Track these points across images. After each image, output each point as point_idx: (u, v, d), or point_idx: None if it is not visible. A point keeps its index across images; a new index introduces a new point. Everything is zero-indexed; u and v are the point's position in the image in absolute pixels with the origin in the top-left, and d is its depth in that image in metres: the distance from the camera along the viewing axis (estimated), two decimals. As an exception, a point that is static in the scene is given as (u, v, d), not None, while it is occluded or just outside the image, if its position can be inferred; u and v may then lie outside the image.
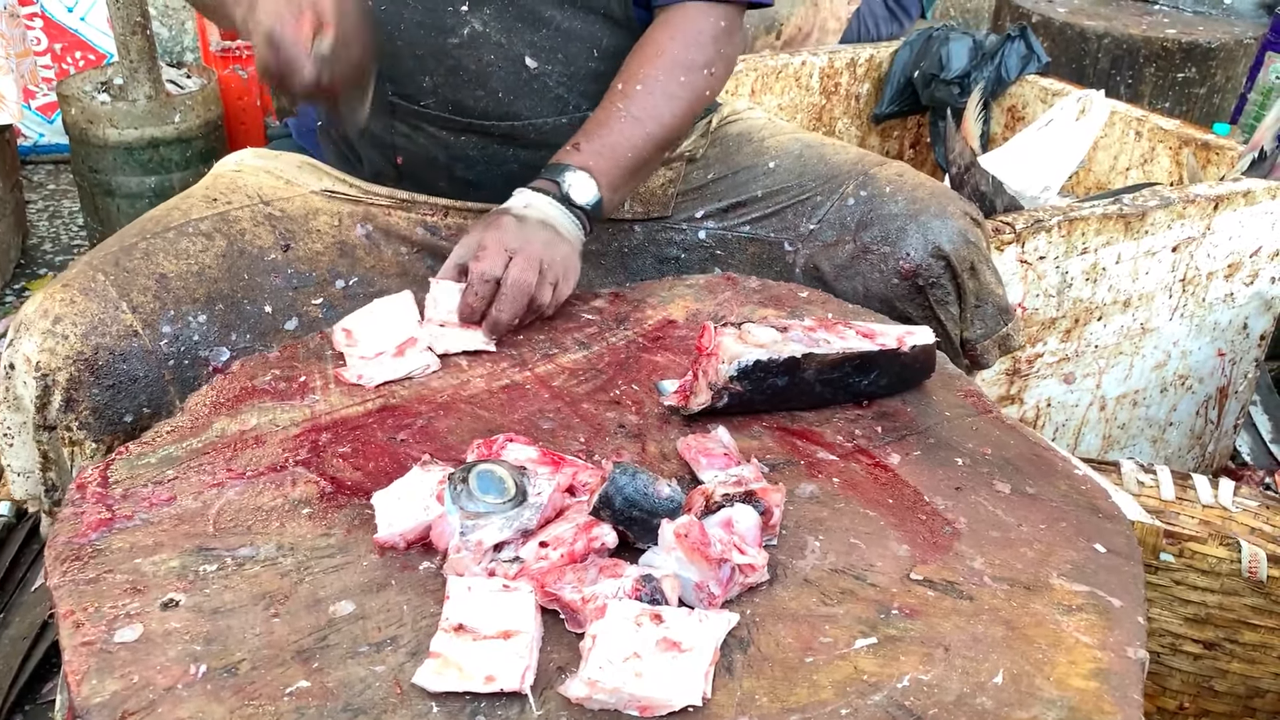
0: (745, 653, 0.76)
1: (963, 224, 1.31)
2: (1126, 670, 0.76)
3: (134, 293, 1.14)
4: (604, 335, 1.17)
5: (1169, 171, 2.17)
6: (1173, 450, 2.15)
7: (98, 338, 1.10)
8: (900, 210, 1.31)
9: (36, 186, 3.50)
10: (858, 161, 1.39)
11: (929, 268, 1.29)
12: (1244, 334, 2.06)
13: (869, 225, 1.32)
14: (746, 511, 0.84)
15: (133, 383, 1.11)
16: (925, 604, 0.81)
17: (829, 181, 1.36)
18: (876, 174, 1.36)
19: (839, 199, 1.35)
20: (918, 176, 1.37)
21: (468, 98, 1.30)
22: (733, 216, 1.40)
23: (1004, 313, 1.38)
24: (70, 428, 1.10)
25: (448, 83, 1.29)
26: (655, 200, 1.41)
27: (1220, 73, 3.09)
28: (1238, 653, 1.39)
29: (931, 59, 2.50)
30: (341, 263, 1.28)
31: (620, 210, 1.38)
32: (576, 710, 0.71)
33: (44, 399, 1.09)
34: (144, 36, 2.72)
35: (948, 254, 1.29)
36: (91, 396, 1.09)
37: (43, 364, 1.08)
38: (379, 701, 0.71)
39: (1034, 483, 0.96)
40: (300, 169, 1.34)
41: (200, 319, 1.16)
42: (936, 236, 1.29)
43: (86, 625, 0.76)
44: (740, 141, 1.44)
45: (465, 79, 1.29)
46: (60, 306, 1.11)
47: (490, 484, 0.84)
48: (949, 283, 1.31)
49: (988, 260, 1.35)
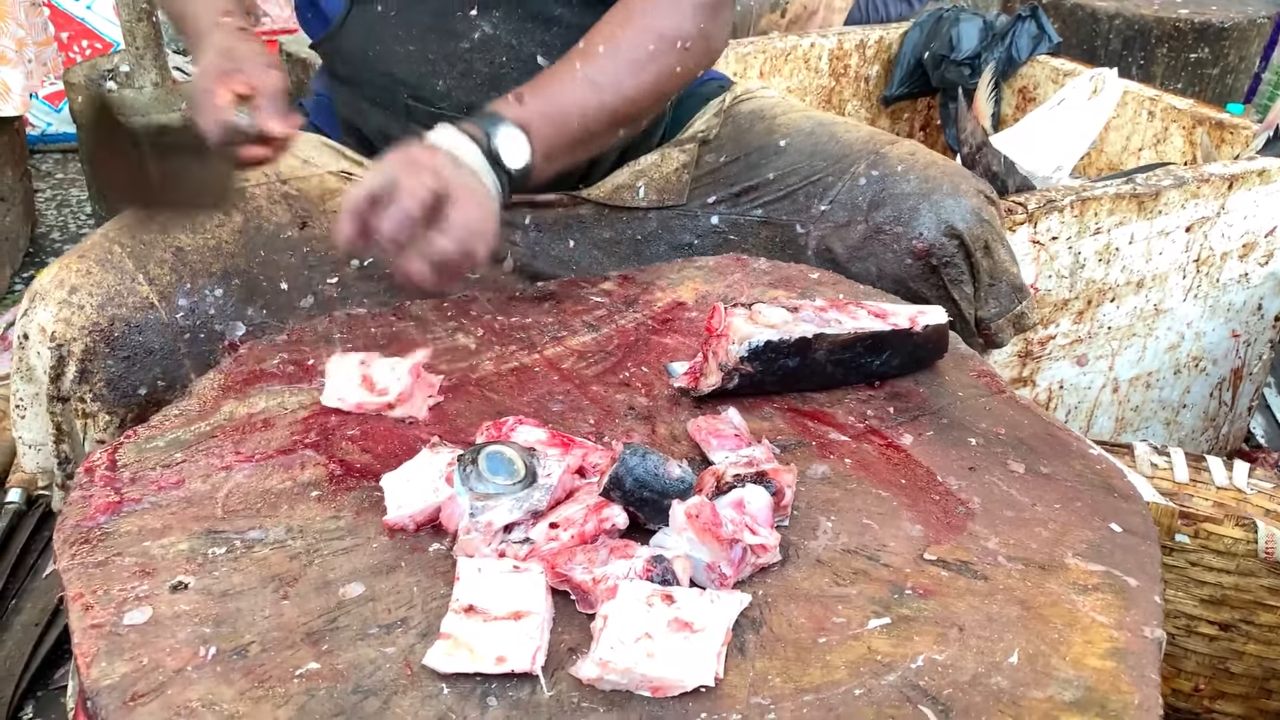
0: (758, 633, 0.76)
1: (976, 202, 1.30)
2: (1143, 650, 0.75)
3: (150, 265, 1.14)
4: (613, 318, 1.16)
5: (1182, 151, 2.15)
6: (1186, 432, 2.13)
7: (114, 309, 1.10)
8: (913, 189, 1.30)
9: (45, 175, 3.50)
10: (869, 140, 1.37)
11: (942, 247, 1.28)
12: (1258, 315, 2.04)
13: (881, 205, 1.31)
14: (758, 492, 0.83)
15: (148, 355, 1.11)
16: (939, 584, 0.81)
17: (840, 161, 1.35)
18: (888, 153, 1.34)
19: (850, 179, 1.33)
20: (930, 155, 1.35)
21: (482, 100, 1.24)
22: (745, 201, 1.38)
23: (1018, 291, 1.36)
24: (84, 399, 1.09)
25: (461, 86, 1.27)
26: (670, 188, 1.39)
27: (1233, 53, 3.06)
28: (1254, 634, 1.38)
29: (942, 40, 2.48)
30: None
31: (635, 199, 1.37)
32: (588, 691, 0.71)
33: (58, 369, 1.08)
34: (150, 24, 2.71)
35: (961, 232, 1.28)
36: (106, 368, 1.09)
37: (58, 334, 1.08)
38: (389, 683, 0.71)
39: (1048, 462, 0.95)
40: (318, 149, 1.33)
41: (216, 293, 1.16)
42: (950, 215, 1.28)
43: (96, 608, 0.75)
44: (753, 120, 1.43)
45: (479, 82, 1.27)
46: (77, 277, 1.10)
47: (500, 465, 0.83)
48: (963, 261, 1.30)
49: (1002, 238, 1.34)
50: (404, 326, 1.13)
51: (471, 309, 1.17)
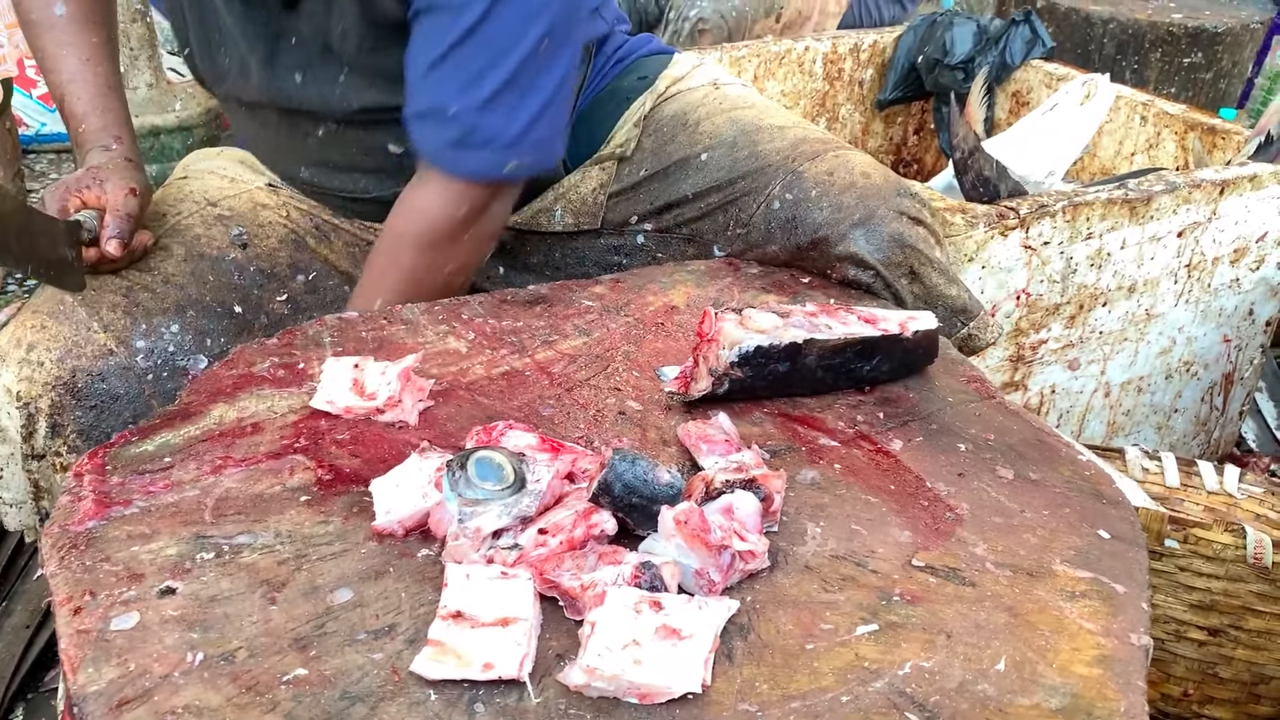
0: (745, 640, 0.76)
1: (894, 228, 1.21)
2: (1130, 657, 0.75)
3: (103, 310, 1.14)
4: (604, 321, 1.16)
5: (1174, 156, 2.16)
6: (1178, 437, 2.14)
7: (74, 360, 1.10)
8: (825, 219, 1.23)
9: (39, 176, 3.49)
10: (789, 154, 1.29)
11: (857, 278, 1.23)
12: (1250, 320, 2.05)
13: (795, 230, 1.25)
14: (747, 498, 0.83)
15: (114, 401, 1.11)
16: (927, 590, 0.81)
17: (758, 178, 1.29)
18: (805, 171, 1.26)
19: (765, 200, 1.27)
20: (849, 174, 1.25)
21: (347, 182, 1.33)
22: (667, 217, 1.35)
23: (961, 313, 1.28)
24: (59, 453, 1.10)
25: (321, 172, 1.33)
26: (585, 209, 1.37)
27: (1227, 57, 3.07)
28: (1242, 639, 1.38)
29: (935, 44, 2.49)
30: (299, 256, 1.29)
31: (550, 223, 1.37)
32: (575, 698, 0.71)
33: (29, 428, 1.09)
34: (144, 24, 2.71)
35: (874, 264, 1.21)
36: (76, 420, 1.09)
37: (23, 393, 1.08)
38: (376, 689, 0.71)
39: (1037, 468, 0.95)
40: (242, 164, 1.36)
41: (173, 329, 1.16)
42: (860, 248, 1.21)
43: (83, 613, 0.75)
44: (674, 128, 1.37)
45: (336, 168, 1.32)
46: (32, 334, 1.10)
47: (489, 471, 0.83)
48: (884, 290, 1.23)
49: (932, 261, 1.25)
50: (395, 330, 1.13)
51: (463, 312, 1.17)
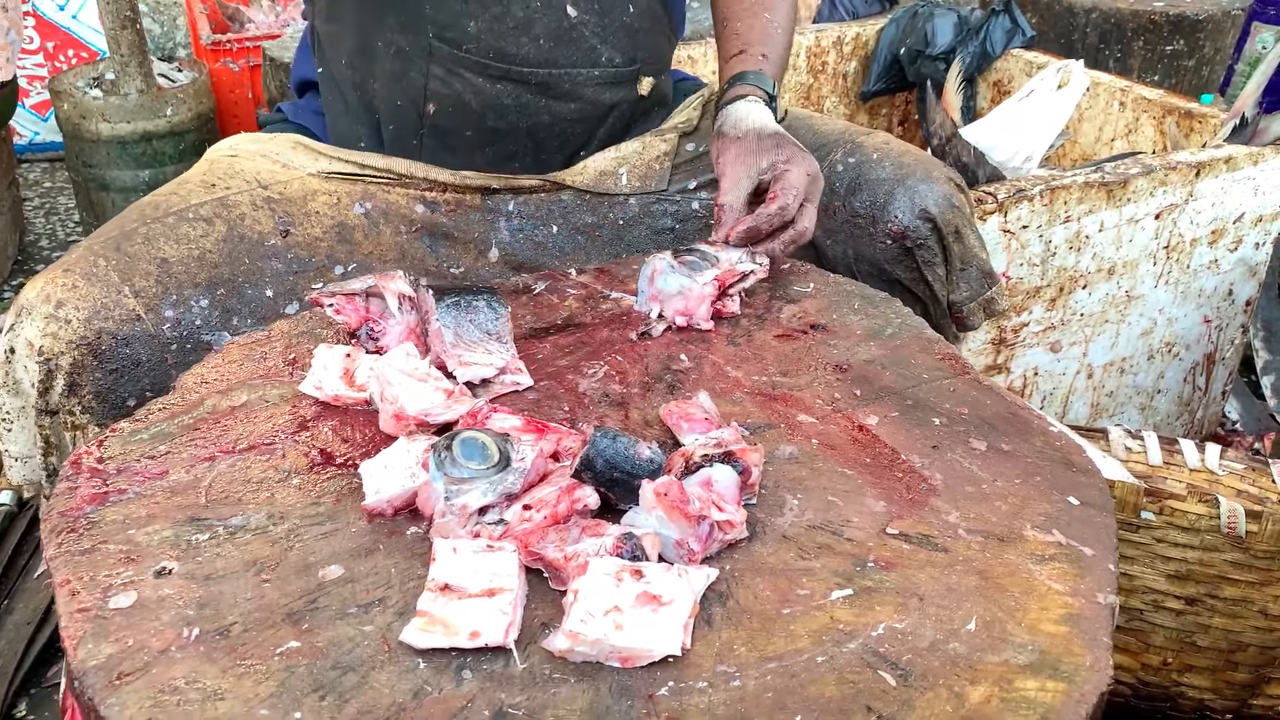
0: (724, 606, 0.78)
1: (947, 189, 1.35)
2: (1096, 615, 0.78)
3: (136, 277, 1.15)
4: (588, 309, 1.19)
5: (1153, 141, 2.19)
6: (1161, 417, 2.17)
7: (101, 322, 1.11)
8: (887, 175, 1.36)
9: (33, 184, 3.52)
10: (845, 131, 1.44)
11: (916, 229, 1.33)
12: (1229, 300, 2.08)
13: (857, 190, 1.36)
14: (725, 471, 0.86)
15: (135, 366, 1.13)
16: (900, 556, 0.83)
17: (818, 150, 1.38)
18: (863, 142, 1.40)
19: (827, 166, 1.38)
20: (903, 145, 1.41)
21: (511, 44, 1.28)
22: None
23: (988, 276, 1.41)
24: (73, 411, 1.11)
25: (492, 29, 1.28)
26: (651, 174, 1.42)
27: (1208, 44, 3.10)
28: (1219, 608, 1.41)
29: (917, 35, 2.51)
30: (340, 249, 1.29)
31: (617, 185, 1.40)
32: (559, 663, 0.73)
33: (47, 383, 1.10)
34: (134, 31, 2.73)
35: (934, 216, 1.33)
36: (94, 380, 1.11)
37: (46, 348, 1.09)
38: (367, 659, 0.73)
39: (1009, 440, 0.98)
40: (295, 150, 1.34)
41: (202, 303, 1.18)
42: (923, 200, 1.33)
43: (82, 593, 0.78)
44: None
45: (511, 25, 1.28)
46: (63, 291, 1.12)
47: (474, 450, 0.86)
48: (936, 244, 1.35)
49: (972, 225, 1.39)
50: (383, 321, 1.15)
51: (450, 303, 1.19)
